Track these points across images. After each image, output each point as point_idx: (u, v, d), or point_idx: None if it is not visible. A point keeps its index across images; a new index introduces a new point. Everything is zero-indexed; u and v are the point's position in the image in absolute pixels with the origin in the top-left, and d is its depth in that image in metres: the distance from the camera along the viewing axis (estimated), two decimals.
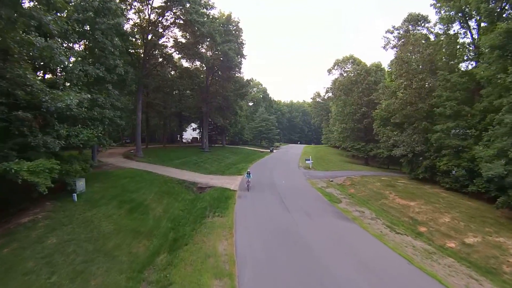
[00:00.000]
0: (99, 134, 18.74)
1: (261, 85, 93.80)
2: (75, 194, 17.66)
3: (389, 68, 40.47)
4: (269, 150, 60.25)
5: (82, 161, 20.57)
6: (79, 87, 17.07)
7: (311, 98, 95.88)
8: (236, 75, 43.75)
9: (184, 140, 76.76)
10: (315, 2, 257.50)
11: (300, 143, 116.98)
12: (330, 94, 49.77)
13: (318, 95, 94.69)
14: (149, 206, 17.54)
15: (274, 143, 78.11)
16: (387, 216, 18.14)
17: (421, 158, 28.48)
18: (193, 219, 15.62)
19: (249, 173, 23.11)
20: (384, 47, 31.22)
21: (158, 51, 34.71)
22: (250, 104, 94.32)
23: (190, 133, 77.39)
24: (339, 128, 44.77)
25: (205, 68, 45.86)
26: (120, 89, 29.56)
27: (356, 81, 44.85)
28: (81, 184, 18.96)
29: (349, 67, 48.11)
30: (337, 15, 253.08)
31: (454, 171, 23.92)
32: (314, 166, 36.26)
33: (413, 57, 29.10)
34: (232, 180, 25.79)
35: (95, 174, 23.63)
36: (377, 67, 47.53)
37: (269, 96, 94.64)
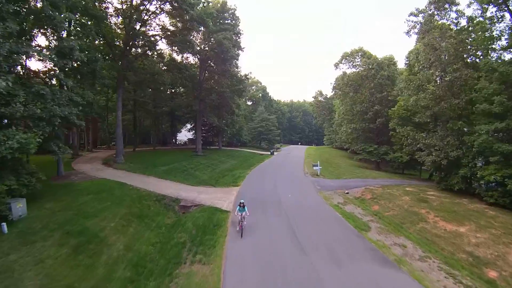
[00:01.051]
0: (40, 138, 13.63)
1: (260, 83, 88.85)
2: (5, 224, 12.73)
3: (406, 60, 35.59)
4: (269, 153, 55.25)
5: (26, 175, 15.59)
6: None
7: (312, 97, 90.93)
8: (233, 69, 38.67)
9: (178, 142, 71.80)
10: (315, 2, 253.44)
11: (301, 144, 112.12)
12: (336, 91, 44.60)
13: (320, 93, 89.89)
14: (106, 240, 12.49)
15: (275, 145, 73.15)
16: (437, 251, 13.19)
17: (455, 165, 23.58)
18: (164, 265, 10.63)
19: (243, 205, 14.16)
20: (407, 33, 26.28)
21: (142, 40, 29.66)
22: (249, 103, 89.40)
23: (185, 134, 72.37)
24: (348, 128, 39.77)
25: (198, 62, 40.91)
26: (91, 82, 24.60)
27: (367, 76, 39.93)
28: (19, 208, 13.99)
29: (358, 60, 43.15)
30: (337, 15, 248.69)
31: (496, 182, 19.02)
32: (322, 173, 31.30)
33: (443, 44, 24.19)
34: (226, 195, 20.79)
35: (55, 189, 18.82)
36: (390, 61, 42.63)
37: (269, 94, 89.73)
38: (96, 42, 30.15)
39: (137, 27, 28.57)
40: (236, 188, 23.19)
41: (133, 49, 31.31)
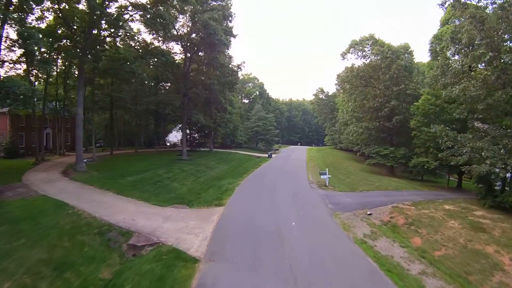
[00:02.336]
0: None
1: (258, 79, 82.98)
2: None
3: (430, 46, 29.82)
4: (267, 155, 49.32)
5: None
6: None
7: (313, 95, 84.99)
8: (223, 58, 32.63)
9: (168, 143, 65.84)
10: (315, 2, 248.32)
11: (301, 145, 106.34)
12: (343, 85, 38.58)
13: (322, 91, 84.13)
14: None
15: (274, 146, 67.22)
16: None
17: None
18: None
19: None
20: (441, 5, 20.43)
21: (105, 17, 23.62)
22: (245, 101, 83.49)
23: (175, 135, 66.44)
24: (358, 128, 33.82)
25: (183, 50, 34.88)
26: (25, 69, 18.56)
27: (381, 67, 34.06)
28: None
29: (368, 49, 37.28)
30: (337, 15, 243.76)
31: None
32: (332, 182, 25.40)
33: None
34: (202, 223, 14.71)
35: None
36: (406, 49, 36.85)
37: (267, 92, 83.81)
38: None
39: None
40: (220, 209, 17.16)
41: (100, 32, 25.35)
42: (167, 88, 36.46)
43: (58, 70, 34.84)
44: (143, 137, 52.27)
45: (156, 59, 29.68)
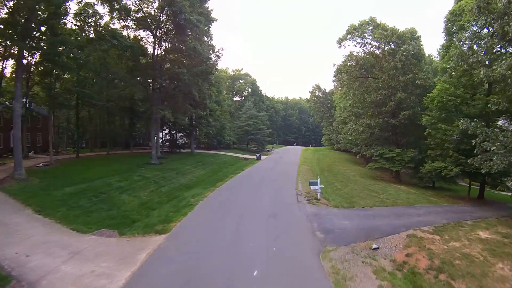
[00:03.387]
0: None
1: (250, 76, 77.58)
2: None
3: (445, 23, 24.57)
4: (255, 157, 44.00)
5: None
6: None
7: (309, 92, 79.92)
8: (196, 43, 27.22)
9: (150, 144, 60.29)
10: (315, 2, 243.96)
11: (297, 145, 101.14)
12: (341, 76, 33.14)
13: (318, 88, 79.20)
14: None
15: (265, 146, 61.87)
16: None
17: None
18: None
19: None
20: None
21: None
22: (237, 99, 78.19)
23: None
24: (358, 126, 28.45)
25: (150, 35, 29.49)
26: None
27: (384, 54, 28.82)
28: None
29: (369, 35, 31.95)
30: (337, 15, 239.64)
31: None
32: (325, 193, 20.11)
33: None
34: (119, 265, 9.29)
35: None
36: (412, 34, 31.55)
37: (259, 89, 78.41)
38: None
39: None
40: (158, 239, 11.83)
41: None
42: (133, 80, 31.05)
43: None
44: (124, 137, 46.78)
45: (115, 43, 24.25)
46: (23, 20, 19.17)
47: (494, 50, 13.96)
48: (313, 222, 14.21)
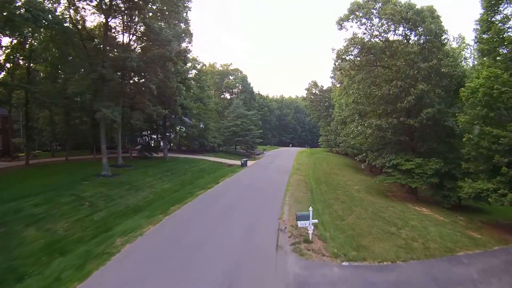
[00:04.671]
0: None
1: (240, 72, 70.81)
2: None
3: None
4: (240, 163, 37.45)
5: None
6: None
7: (305, 89, 73.39)
8: (154, 24, 20.45)
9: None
10: (315, 2, 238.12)
11: (292, 146, 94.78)
12: (341, 64, 26.43)
13: (315, 84, 72.73)
14: None
15: (256, 149, 55.24)
16: None
17: None
18: None
19: None
20: None
21: None
22: (227, 96, 71.52)
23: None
24: (366, 128, 21.76)
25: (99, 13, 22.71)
26: None
27: (398, 36, 22.29)
28: None
29: (375, 11, 25.34)
30: (337, 15, 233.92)
31: None
32: (321, 226, 13.57)
33: None
34: None
35: None
36: (431, 12, 25.03)
37: (251, 85, 71.65)
38: None
39: None
40: None
41: None
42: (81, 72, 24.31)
43: None
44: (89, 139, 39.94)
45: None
46: None
47: None
48: None
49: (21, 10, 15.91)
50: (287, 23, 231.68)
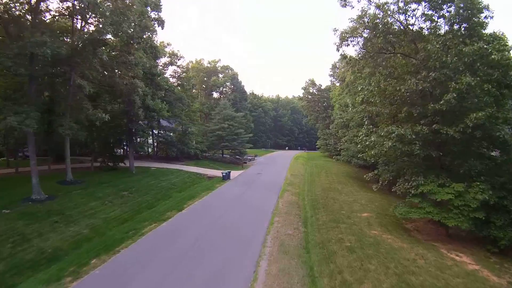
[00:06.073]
0: None
1: (231, 69, 64.43)
2: None
3: None
4: (222, 175, 31.07)
5: None
6: None
7: (302, 88, 67.46)
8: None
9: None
10: (315, 2, 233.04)
11: (289, 149, 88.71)
12: (344, 51, 20.18)
13: (312, 83, 67.00)
14: None
15: (245, 155, 48.90)
16: None
17: None
18: None
19: None
20: None
21: None
22: (217, 96, 65.16)
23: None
24: (385, 139, 15.35)
25: None
26: None
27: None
28: None
29: None
30: (337, 15, 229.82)
31: None
32: None
33: None
34: None
35: None
36: None
37: (242, 84, 65.29)
38: None
39: None
40: None
41: None
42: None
43: None
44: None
45: None
46: None
47: None
48: None
49: None
50: (287, 24, 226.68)
